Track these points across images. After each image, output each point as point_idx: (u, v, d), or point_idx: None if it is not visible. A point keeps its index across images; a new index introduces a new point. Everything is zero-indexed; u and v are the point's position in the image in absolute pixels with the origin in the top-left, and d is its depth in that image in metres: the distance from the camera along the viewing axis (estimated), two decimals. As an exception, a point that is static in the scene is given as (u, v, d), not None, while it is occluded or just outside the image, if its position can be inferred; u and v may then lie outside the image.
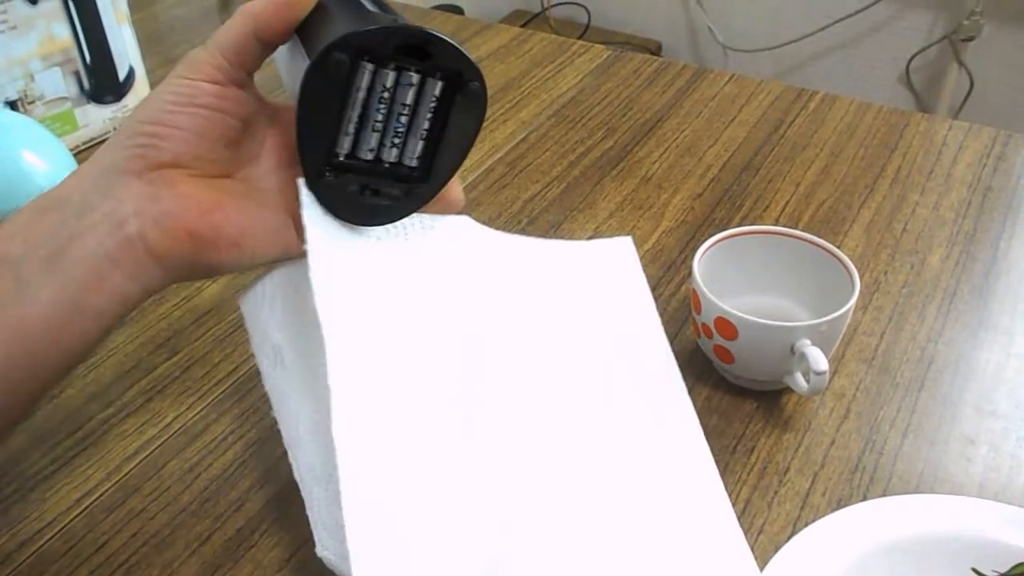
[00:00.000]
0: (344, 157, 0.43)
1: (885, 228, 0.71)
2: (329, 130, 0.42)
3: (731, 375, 0.58)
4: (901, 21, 1.87)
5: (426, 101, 0.43)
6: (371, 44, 0.41)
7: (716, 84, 0.91)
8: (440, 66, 0.42)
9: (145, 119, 0.43)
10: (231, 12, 1.11)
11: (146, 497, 0.52)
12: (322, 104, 0.42)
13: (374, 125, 0.43)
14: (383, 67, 0.42)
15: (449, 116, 0.44)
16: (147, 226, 0.42)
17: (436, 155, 0.45)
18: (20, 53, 0.76)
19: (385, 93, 0.42)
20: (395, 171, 0.45)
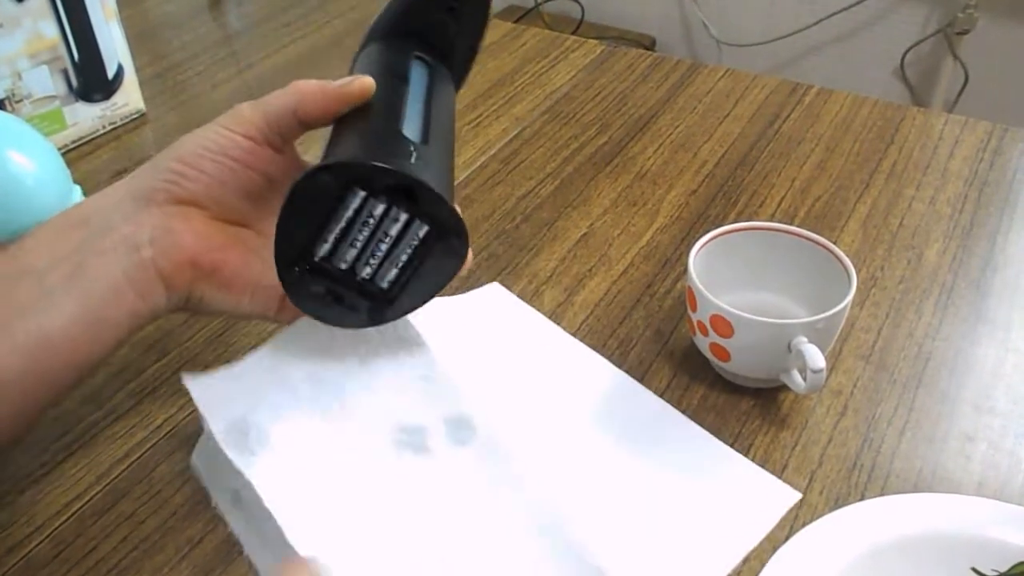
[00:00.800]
0: (319, 259, 0.45)
1: (881, 223, 0.71)
2: (308, 232, 0.45)
3: (727, 373, 0.57)
4: (895, 15, 1.87)
5: (409, 238, 0.45)
6: (361, 177, 0.43)
7: (710, 79, 0.90)
8: (428, 212, 0.44)
9: (177, 157, 0.47)
10: (222, 9, 1.11)
11: (136, 501, 0.51)
12: (308, 210, 0.44)
13: (354, 242, 0.45)
14: (374, 198, 0.44)
15: (426, 259, 0.46)
16: (159, 252, 0.45)
17: (407, 285, 0.46)
18: (7, 51, 0.75)
19: (371, 219, 0.45)
20: (365, 287, 0.46)
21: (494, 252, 0.69)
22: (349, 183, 0.44)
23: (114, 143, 0.83)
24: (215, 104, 0.89)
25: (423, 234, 0.45)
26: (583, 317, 0.63)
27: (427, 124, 0.49)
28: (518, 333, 0.61)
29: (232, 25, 1.09)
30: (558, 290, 0.65)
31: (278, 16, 1.06)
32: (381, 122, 0.47)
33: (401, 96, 0.50)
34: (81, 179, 0.70)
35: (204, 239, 0.46)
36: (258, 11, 1.08)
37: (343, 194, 0.44)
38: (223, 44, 1.02)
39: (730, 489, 0.51)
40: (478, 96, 0.88)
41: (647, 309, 0.64)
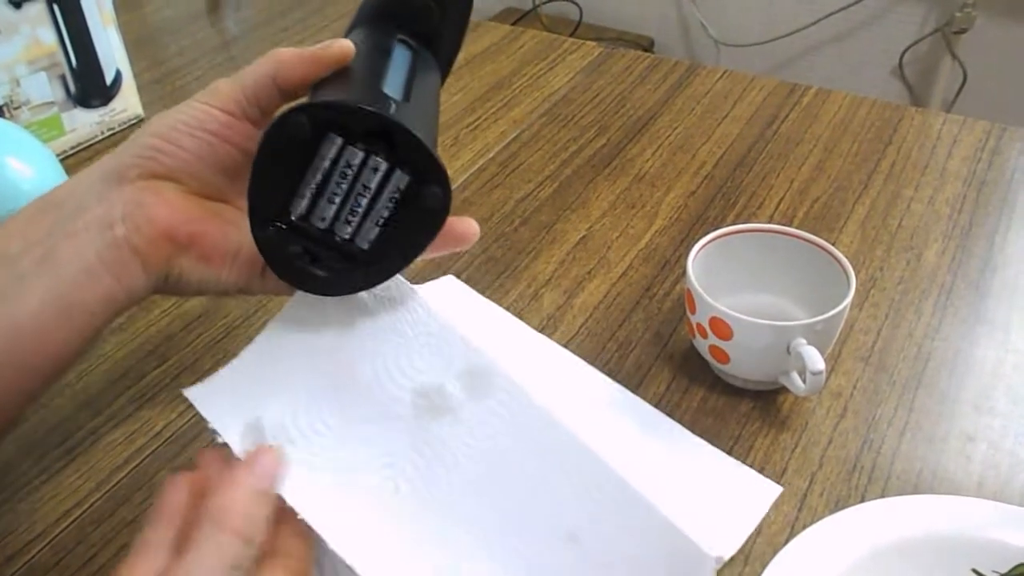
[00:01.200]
0: (296, 218, 0.43)
1: (880, 224, 0.71)
2: (283, 188, 0.42)
3: (727, 375, 0.57)
4: (893, 14, 1.87)
5: (389, 190, 0.42)
6: (339, 120, 0.40)
7: (709, 80, 0.91)
8: (407, 161, 0.41)
9: (152, 132, 0.45)
10: (220, 13, 1.10)
11: (136, 507, 0.51)
12: (282, 161, 0.41)
13: (331, 197, 0.42)
14: (351, 144, 0.41)
15: (409, 214, 0.43)
16: (132, 229, 0.43)
17: (389, 246, 0.43)
18: (5, 58, 0.75)
19: (349, 170, 0.42)
20: (346, 248, 0.43)
21: (493, 255, 0.69)
22: (325, 128, 0.41)
23: (112, 149, 0.83)
24: (213, 109, 0.89)
25: (404, 185, 0.42)
26: (582, 320, 0.63)
27: (408, 89, 0.47)
28: (481, 326, 0.60)
29: (230, 30, 1.09)
30: (557, 293, 0.65)
31: (276, 20, 1.06)
32: (360, 78, 0.45)
33: (383, 64, 0.48)
34: (80, 185, 0.70)
35: (179, 212, 0.45)
36: (256, 16, 1.08)
37: (318, 142, 0.41)
38: (221, 49, 1.02)
39: (712, 486, 0.51)
40: (476, 99, 0.88)
41: (646, 311, 0.64)
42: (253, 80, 0.46)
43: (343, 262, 0.43)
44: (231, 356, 0.61)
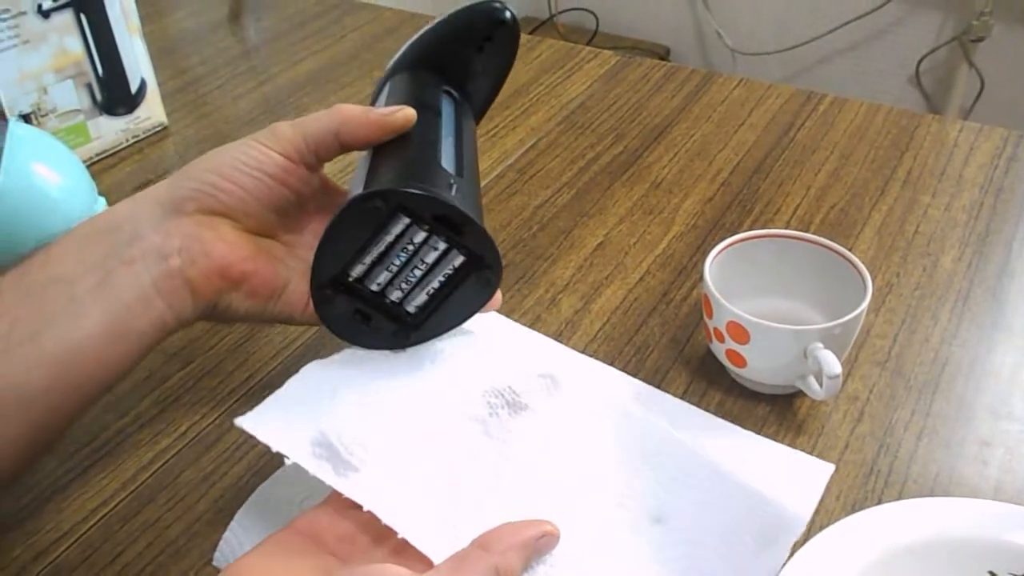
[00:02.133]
0: (353, 279, 0.47)
1: (897, 230, 0.71)
2: (348, 253, 0.46)
3: (744, 379, 0.58)
4: (910, 22, 1.87)
5: (444, 266, 0.47)
6: (412, 205, 0.44)
7: (725, 88, 0.91)
8: (467, 247, 0.46)
9: (211, 169, 0.47)
10: (241, 23, 1.12)
11: (161, 507, 0.52)
12: (351, 232, 0.45)
13: (390, 266, 0.46)
14: (417, 225, 0.45)
15: (458, 288, 0.47)
16: (187, 262, 0.46)
17: (434, 312, 0.48)
18: (33, 67, 0.76)
19: (410, 246, 0.46)
20: (394, 309, 0.47)
21: (511, 261, 0.70)
22: (397, 209, 0.45)
23: (137, 156, 0.85)
24: (236, 116, 0.91)
25: (458, 264, 0.47)
26: (600, 325, 0.63)
27: (460, 158, 0.51)
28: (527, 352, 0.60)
29: (251, 39, 1.10)
30: (575, 298, 0.66)
31: (296, 31, 1.07)
32: (422, 153, 0.49)
33: (436, 129, 0.52)
34: (105, 191, 0.71)
35: (234, 249, 0.47)
36: (276, 26, 1.09)
37: (388, 220, 0.45)
38: (242, 58, 1.03)
39: (767, 473, 0.51)
40: (495, 107, 0.88)
41: (663, 316, 0.64)
42: (315, 131, 0.48)
43: (391, 322, 0.48)
44: (253, 359, 0.62)
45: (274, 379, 0.60)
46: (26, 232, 0.62)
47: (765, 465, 0.52)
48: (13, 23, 0.74)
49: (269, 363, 0.61)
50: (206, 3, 1.15)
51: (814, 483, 0.51)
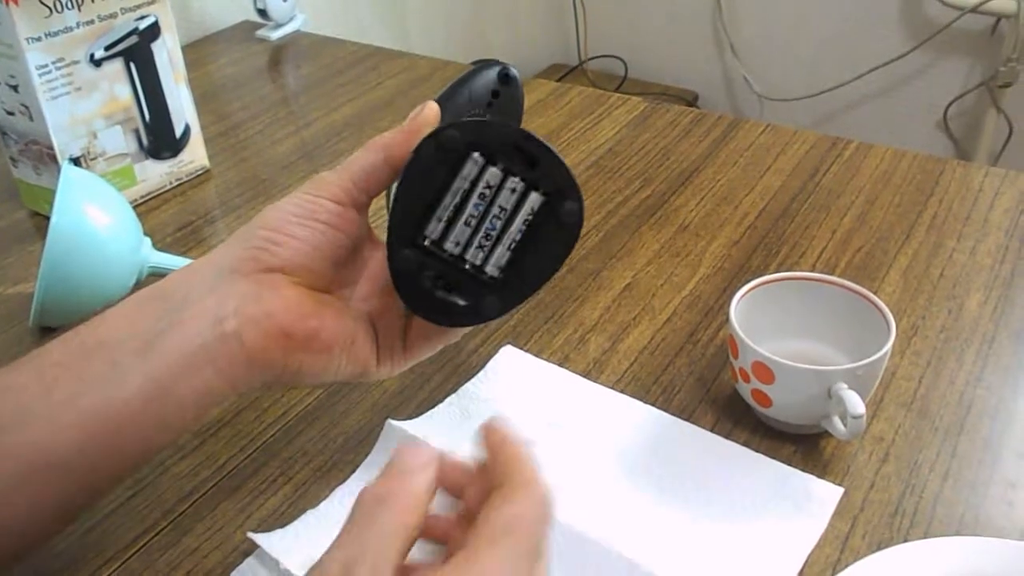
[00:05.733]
0: (430, 243, 0.44)
1: (922, 274, 0.72)
2: (425, 208, 0.43)
3: (769, 419, 0.59)
4: (937, 68, 1.88)
5: (523, 212, 0.43)
6: (485, 136, 0.42)
7: (752, 134, 0.93)
8: (544, 181, 0.43)
9: (264, 225, 0.46)
10: (280, 72, 1.15)
11: (200, 536, 0.54)
12: (425, 180, 0.43)
13: (468, 219, 0.43)
14: (491, 164, 0.43)
15: (540, 236, 0.43)
16: (245, 324, 0.43)
17: (518, 271, 0.44)
18: (84, 112, 0.80)
19: (486, 190, 0.43)
20: (474, 274, 0.44)
21: (541, 300, 0.71)
22: (471, 145, 0.42)
23: (180, 198, 0.88)
24: (275, 160, 0.94)
25: (538, 206, 0.43)
26: (627, 364, 0.65)
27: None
28: (547, 392, 0.63)
29: (290, 86, 1.14)
30: (603, 337, 0.67)
31: (333, 78, 1.11)
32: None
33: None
34: (150, 231, 0.74)
35: (296, 306, 0.45)
36: (314, 73, 1.13)
37: (460, 162, 0.42)
38: (282, 104, 1.07)
39: (774, 495, 0.54)
40: (525, 152, 0.91)
41: (690, 356, 0.65)
42: (361, 167, 0.47)
43: (474, 289, 0.44)
44: (289, 395, 0.64)
45: (310, 412, 0.62)
46: (77, 270, 0.65)
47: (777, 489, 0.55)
48: (67, 71, 0.78)
49: (305, 399, 0.63)
50: (247, 51, 1.19)
51: (823, 506, 0.53)
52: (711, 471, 0.55)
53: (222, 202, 0.87)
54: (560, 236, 0.43)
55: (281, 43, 1.21)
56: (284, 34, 1.21)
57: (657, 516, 0.52)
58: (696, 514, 0.53)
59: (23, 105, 0.78)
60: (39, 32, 0.75)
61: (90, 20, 0.78)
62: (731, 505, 0.53)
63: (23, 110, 0.78)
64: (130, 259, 0.69)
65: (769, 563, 0.50)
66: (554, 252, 0.44)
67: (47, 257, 0.64)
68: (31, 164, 0.82)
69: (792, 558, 0.50)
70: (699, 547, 0.51)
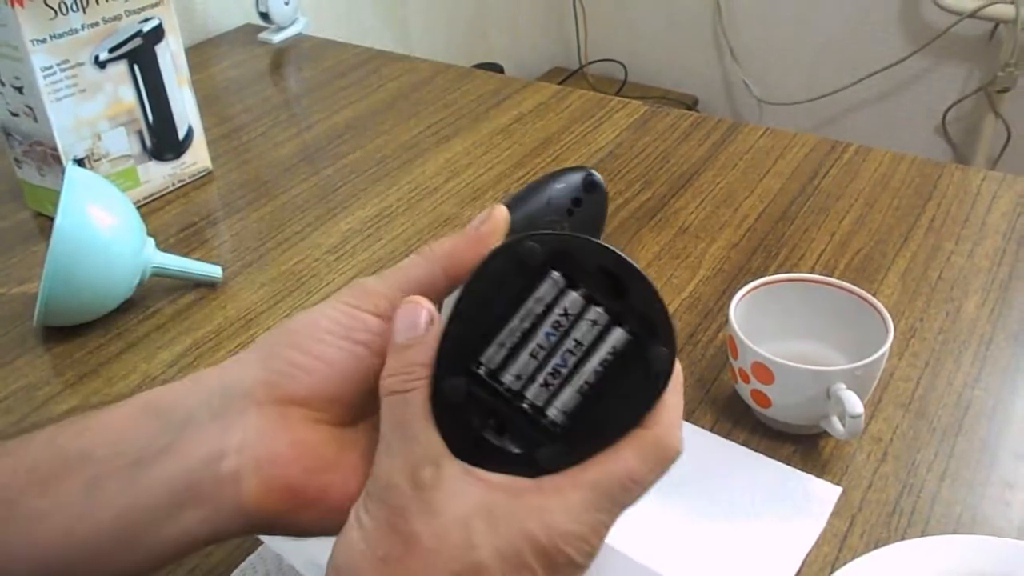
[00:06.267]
0: (485, 372, 0.35)
1: (920, 276, 0.73)
2: (485, 330, 0.35)
3: (768, 419, 0.59)
4: (936, 73, 1.89)
5: (602, 350, 0.35)
6: (570, 253, 0.35)
7: (751, 137, 0.93)
8: (632, 316, 0.35)
9: (292, 343, 0.38)
10: (282, 75, 1.16)
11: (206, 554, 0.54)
12: (491, 297, 0.35)
13: (535, 350, 0.35)
14: (572, 287, 0.35)
15: (617, 382, 0.35)
16: (247, 468, 0.36)
17: (584, 421, 0.34)
18: (89, 114, 0.80)
19: (562, 318, 0.35)
20: (531, 419, 0.35)
21: (542, 302, 0.72)
22: (551, 260, 0.35)
23: (183, 199, 0.88)
24: (277, 162, 0.94)
25: (620, 345, 0.34)
26: (628, 365, 0.65)
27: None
28: None
29: (292, 89, 1.15)
30: (603, 339, 0.68)
31: (335, 81, 1.11)
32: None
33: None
34: (153, 232, 0.75)
35: (308, 455, 0.37)
36: (316, 76, 1.14)
37: (536, 281, 0.35)
38: (284, 107, 1.07)
39: (774, 495, 0.54)
40: (526, 155, 0.92)
41: (690, 358, 0.66)
42: (416, 277, 0.38)
43: (525, 438, 0.35)
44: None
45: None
46: (81, 270, 0.66)
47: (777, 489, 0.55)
48: (71, 73, 0.78)
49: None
50: (250, 54, 1.19)
51: (821, 506, 0.54)
52: (711, 470, 0.56)
53: (224, 204, 0.88)
54: (643, 385, 0.34)
55: (283, 46, 1.21)
56: (286, 37, 1.22)
57: (657, 515, 0.53)
58: (695, 513, 0.53)
59: (27, 106, 0.78)
60: (44, 34, 0.75)
61: (95, 22, 0.78)
62: (730, 504, 0.54)
63: (28, 111, 0.78)
64: (134, 260, 0.70)
65: (768, 561, 0.51)
66: (633, 404, 0.34)
67: (51, 258, 0.64)
68: (35, 165, 0.82)
69: (791, 557, 0.51)
70: (698, 545, 0.51)
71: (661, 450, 0.34)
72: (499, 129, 0.97)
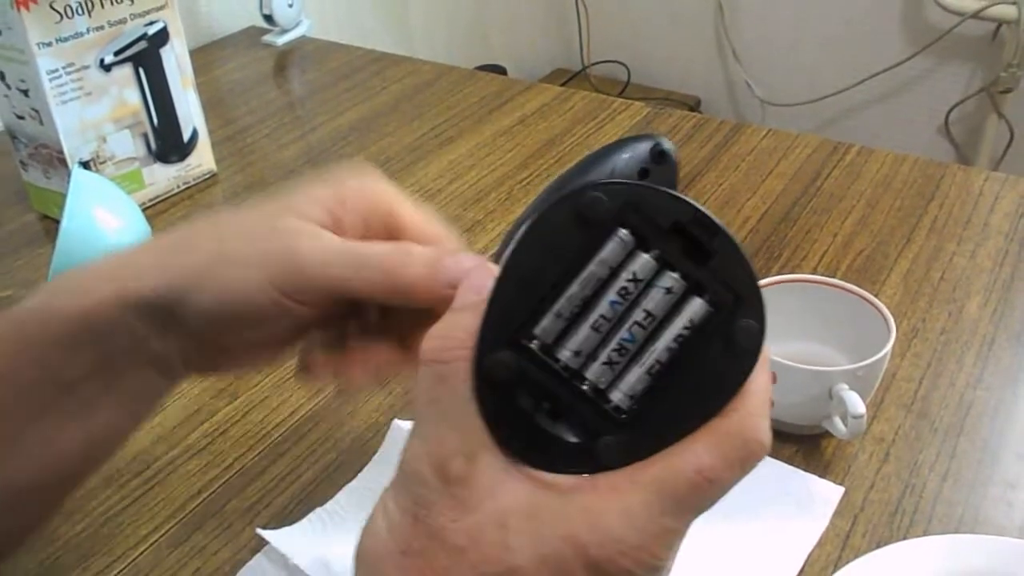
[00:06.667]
0: (539, 346, 0.29)
1: (923, 277, 0.73)
2: (540, 294, 0.29)
3: (770, 420, 0.59)
4: (939, 74, 1.89)
5: (677, 323, 0.29)
6: (642, 207, 0.29)
7: (754, 138, 0.94)
8: (716, 281, 0.29)
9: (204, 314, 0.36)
10: (286, 77, 1.16)
11: (209, 534, 0.55)
12: (547, 258, 0.29)
13: (597, 322, 0.29)
14: (643, 248, 0.29)
15: (696, 361, 0.29)
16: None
17: (655, 409, 0.29)
18: (94, 117, 0.81)
19: (631, 284, 0.29)
20: (592, 403, 0.29)
21: (545, 303, 0.72)
22: (622, 216, 0.29)
23: (187, 201, 0.89)
24: (281, 164, 0.95)
25: (699, 317, 0.28)
26: (631, 365, 0.65)
27: None
28: None
29: (296, 91, 1.15)
30: (606, 340, 0.68)
31: (339, 83, 1.12)
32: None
33: None
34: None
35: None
36: (320, 78, 1.14)
37: (601, 241, 0.29)
38: (288, 109, 1.07)
39: (776, 495, 0.55)
40: (529, 156, 0.92)
41: (693, 358, 0.66)
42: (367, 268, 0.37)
43: (593, 422, 0.29)
44: (299, 394, 0.64)
45: (318, 412, 0.62)
46: (86, 272, 0.66)
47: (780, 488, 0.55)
48: (77, 76, 0.79)
49: (314, 398, 0.64)
50: (254, 57, 1.20)
51: (824, 505, 0.54)
52: None
53: (229, 206, 0.88)
54: (726, 366, 0.29)
55: (287, 48, 1.22)
56: (290, 39, 1.23)
57: None
58: None
59: (33, 109, 0.79)
60: (50, 37, 0.76)
61: (100, 26, 0.79)
62: (733, 504, 0.53)
63: (33, 114, 0.79)
64: (139, 261, 0.70)
65: (771, 561, 0.51)
66: (714, 387, 0.29)
67: (57, 260, 0.65)
68: (41, 168, 0.83)
69: (794, 556, 0.51)
70: (702, 545, 0.51)
71: (743, 443, 0.28)
72: (502, 131, 0.98)
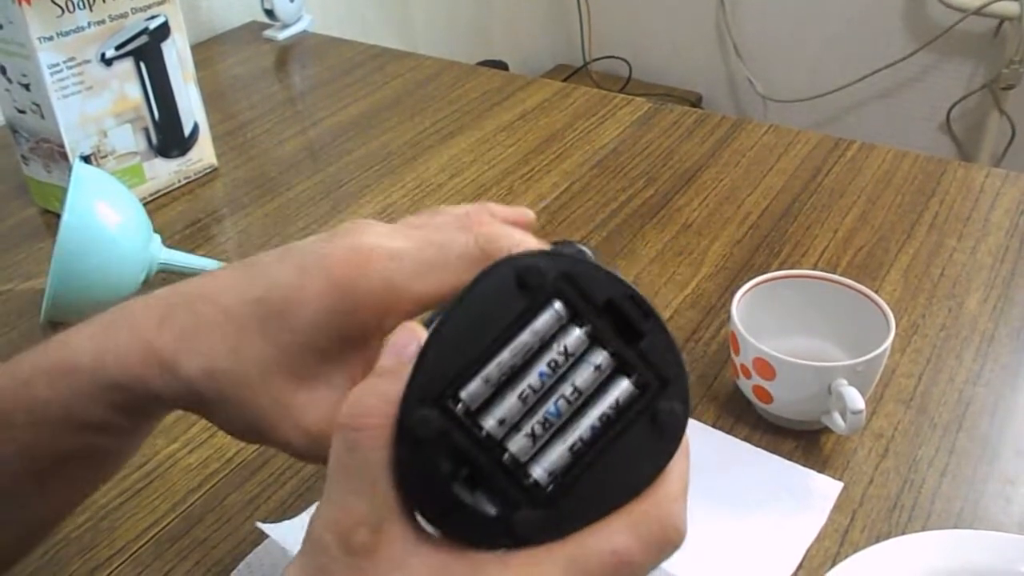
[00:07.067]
0: (463, 410, 0.28)
1: (923, 273, 0.73)
2: (470, 357, 0.28)
3: (770, 415, 0.59)
4: (940, 70, 1.89)
5: (603, 403, 0.29)
6: (578, 280, 0.29)
7: (755, 134, 0.94)
8: (642, 364, 0.29)
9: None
10: (287, 72, 1.16)
11: (209, 527, 0.55)
12: (482, 318, 0.29)
13: (524, 393, 0.28)
14: (576, 323, 0.29)
15: (619, 442, 0.28)
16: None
17: (574, 488, 0.28)
18: (95, 111, 0.81)
19: (561, 358, 0.29)
20: (511, 475, 0.28)
21: (545, 299, 0.72)
22: (557, 288, 0.29)
23: (188, 196, 0.89)
24: (282, 159, 0.95)
25: (625, 398, 0.28)
26: (630, 361, 0.65)
27: None
28: None
29: (297, 86, 1.15)
30: (606, 335, 0.68)
31: (340, 78, 1.12)
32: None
33: None
34: (158, 229, 0.75)
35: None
36: (321, 73, 1.14)
37: (537, 310, 0.28)
38: (288, 104, 1.07)
39: (775, 490, 0.55)
40: (529, 152, 0.92)
41: (692, 354, 0.66)
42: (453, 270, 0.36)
43: (510, 495, 0.28)
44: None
45: (317, 408, 0.62)
46: (88, 267, 0.66)
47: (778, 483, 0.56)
48: (78, 70, 0.79)
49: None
50: (255, 51, 1.20)
51: (823, 500, 0.55)
52: (713, 466, 0.56)
53: (230, 200, 0.88)
54: (649, 448, 0.29)
55: (288, 43, 1.22)
56: (291, 34, 1.22)
57: None
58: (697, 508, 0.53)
59: (34, 103, 0.79)
60: (51, 32, 0.76)
61: (101, 20, 0.79)
62: (732, 499, 0.54)
63: (34, 108, 0.79)
64: (140, 256, 0.70)
65: (770, 556, 0.51)
66: (635, 469, 0.29)
67: (58, 254, 0.65)
68: (42, 162, 0.83)
69: (792, 551, 0.51)
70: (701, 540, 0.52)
71: (660, 528, 0.27)
72: (503, 126, 0.98)
